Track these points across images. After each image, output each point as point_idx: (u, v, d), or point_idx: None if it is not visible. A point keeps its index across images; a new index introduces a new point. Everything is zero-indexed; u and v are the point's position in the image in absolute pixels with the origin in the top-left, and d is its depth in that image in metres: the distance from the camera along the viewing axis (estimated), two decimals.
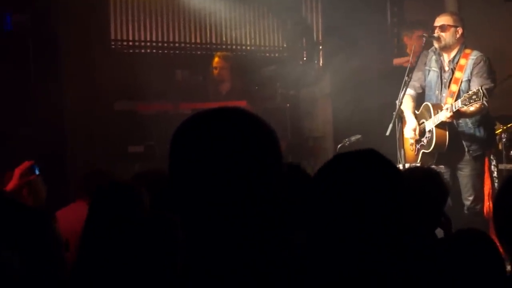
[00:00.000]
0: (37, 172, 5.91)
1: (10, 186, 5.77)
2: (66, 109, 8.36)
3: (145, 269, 2.70)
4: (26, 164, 5.89)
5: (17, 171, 5.81)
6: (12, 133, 8.02)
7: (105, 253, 2.92)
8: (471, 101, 6.71)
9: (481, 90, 6.67)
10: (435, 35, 7.20)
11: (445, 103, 7.10)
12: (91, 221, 3.36)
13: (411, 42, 8.79)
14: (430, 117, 7.18)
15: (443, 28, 7.20)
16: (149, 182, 3.77)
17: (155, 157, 8.00)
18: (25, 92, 8.15)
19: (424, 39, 7.24)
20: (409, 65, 7.23)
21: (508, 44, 9.08)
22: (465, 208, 7.14)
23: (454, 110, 6.87)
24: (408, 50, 8.42)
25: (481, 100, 6.67)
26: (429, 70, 7.37)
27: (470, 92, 6.77)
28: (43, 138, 8.03)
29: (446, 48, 7.22)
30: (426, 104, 7.29)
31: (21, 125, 8.09)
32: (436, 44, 7.26)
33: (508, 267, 3.04)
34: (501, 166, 8.02)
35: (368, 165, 2.10)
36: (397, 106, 7.11)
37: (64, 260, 2.41)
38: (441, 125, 7.10)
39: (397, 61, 8.73)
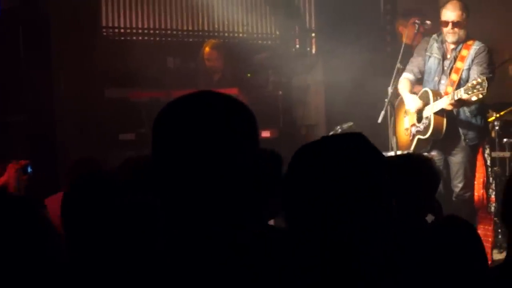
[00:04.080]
0: (29, 171, 5.99)
1: (1, 181, 5.83)
2: (56, 96, 8.32)
3: (123, 252, 2.69)
4: (21, 163, 5.97)
5: (11, 169, 5.88)
6: (2, 120, 7.98)
7: (84, 242, 2.91)
8: (475, 90, 6.68)
9: (485, 81, 6.65)
10: (428, 22, 7.16)
11: (446, 92, 7.08)
12: (68, 211, 3.34)
13: (406, 30, 8.68)
14: (429, 103, 7.16)
15: (459, 25, 7.10)
16: (136, 168, 3.74)
17: (147, 145, 7.96)
18: (15, 78, 8.10)
19: (416, 26, 7.20)
20: (401, 52, 7.20)
21: (501, 31, 9.05)
22: (454, 195, 7.15)
23: (456, 98, 6.84)
24: (403, 39, 8.31)
25: (485, 91, 6.64)
26: (430, 56, 7.32)
27: (474, 82, 6.73)
28: (33, 125, 8.00)
29: (456, 42, 7.17)
30: (425, 91, 7.26)
31: (10, 112, 8.06)
32: (451, 38, 7.15)
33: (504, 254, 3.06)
34: (494, 154, 8.01)
35: (353, 148, 2.07)
36: (389, 93, 7.09)
37: (59, 244, 2.40)
38: (439, 112, 7.08)
39: None
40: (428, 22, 7.18)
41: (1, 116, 8.03)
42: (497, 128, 8.08)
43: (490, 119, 7.92)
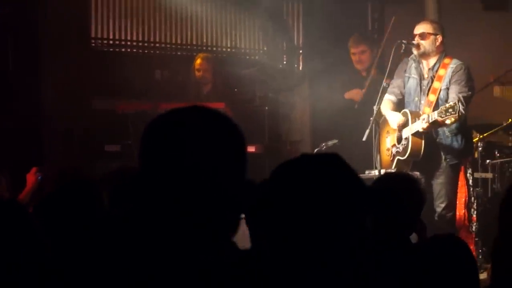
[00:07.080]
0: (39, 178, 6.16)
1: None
2: (43, 105, 8.33)
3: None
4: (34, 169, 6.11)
5: (33, 176, 6.02)
6: None
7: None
8: (447, 114, 6.70)
9: (457, 104, 6.68)
10: (414, 42, 7.21)
11: (423, 112, 7.11)
12: (51, 222, 3.32)
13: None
14: (408, 124, 7.19)
15: (422, 36, 7.20)
16: (116, 180, 3.75)
17: (132, 157, 7.97)
18: (3, 87, 8.10)
19: (403, 45, 7.25)
20: (387, 70, 7.26)
21: (486, 53, 9.13)
22: (436, 215, 7.14)
23: (430, 121, 6.88)
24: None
25: (457, 114, 6.68)
26: (409, 77, 7.37)
27: (447, 105, 6.76)
28: (19, 134, 7.99)
29: (425, 55, 7.23)
30: (405, 111, 7.29)
31: None
32: (415, 51, 7.26)
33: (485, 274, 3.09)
34: (477, 175, 8.06)
35: (328, 168, 2.09)
36: (374, 111, 7.14)
37: (45, 245, 2.41)
38: (417, 134, 7.10)
39: (348, 95, 8.66)
40: (414, 42, 7.21)
41: None
42: (480, 149, 8.14)
43: (474, 140, 7.96)
